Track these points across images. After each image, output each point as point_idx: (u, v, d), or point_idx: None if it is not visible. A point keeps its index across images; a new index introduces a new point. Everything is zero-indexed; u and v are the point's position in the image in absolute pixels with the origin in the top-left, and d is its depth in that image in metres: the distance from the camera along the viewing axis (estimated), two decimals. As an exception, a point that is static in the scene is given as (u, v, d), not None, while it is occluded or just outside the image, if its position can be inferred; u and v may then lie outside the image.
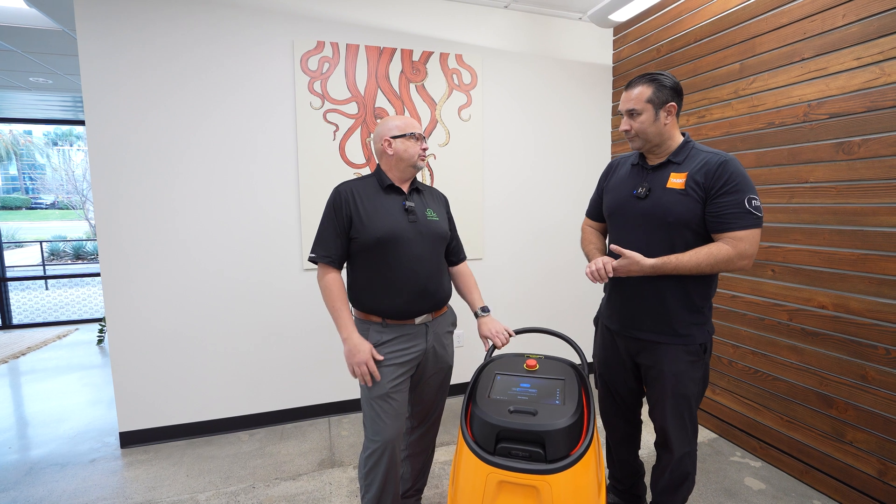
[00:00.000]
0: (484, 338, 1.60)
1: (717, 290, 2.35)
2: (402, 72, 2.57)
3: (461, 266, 1.75)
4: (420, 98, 2.62)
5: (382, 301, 1.47)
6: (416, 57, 2.59)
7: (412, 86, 2.60)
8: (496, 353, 1.64)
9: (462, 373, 2.81)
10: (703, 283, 1.45)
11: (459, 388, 2.83)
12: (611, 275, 1.39)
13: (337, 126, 2.49)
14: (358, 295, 1.52)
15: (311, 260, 1.51)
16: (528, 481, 1.14)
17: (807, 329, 1.97)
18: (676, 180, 1.42)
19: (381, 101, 2.55)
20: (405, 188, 1.55)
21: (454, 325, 1.69)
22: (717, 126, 2.33)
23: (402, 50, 2.56)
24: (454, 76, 2.67)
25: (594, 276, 1.42)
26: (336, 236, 1.48)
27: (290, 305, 2.54)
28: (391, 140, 1.50)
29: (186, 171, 2.32)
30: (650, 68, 2.73)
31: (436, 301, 1.54)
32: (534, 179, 2.98)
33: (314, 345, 2.60)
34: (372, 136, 1.46)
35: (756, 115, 2.14)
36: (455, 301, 1.94)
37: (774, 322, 2.10)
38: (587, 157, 3.10)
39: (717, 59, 2.30)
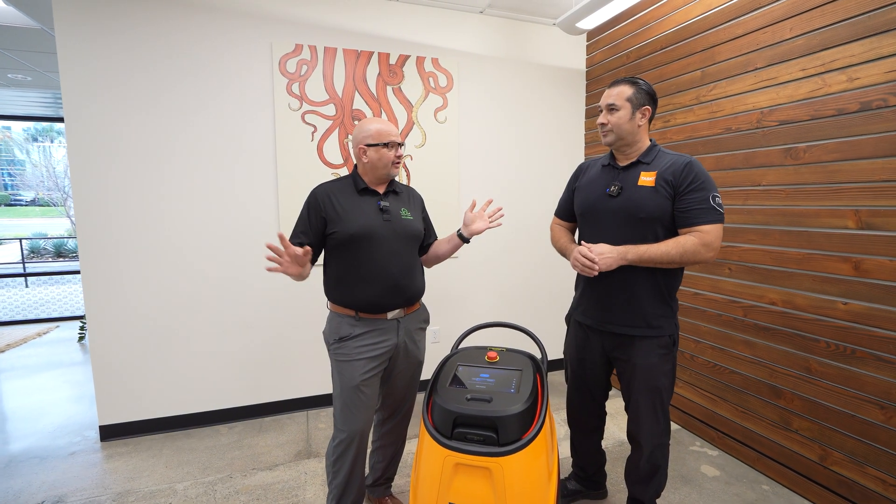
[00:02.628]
0: (474, 222, 1.68)
1: (682, 287, 2.47)
2: (379, 74, 2.64)
3: (434, 242, 1.81)
4: (397, 100, 2.69)
5: (356, 294, 1.54)
6: (392, 60, 2.66)
7: (389, 88, 2.66)
8: (462, 345, 1.72)
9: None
10: (671, 276, 1.54)
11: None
12: (596, 263, 1.44)
13: (315, 127, 2.55)
14: (333, 288, 1.59)
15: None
16: (481, 463, 1.22)
17: (759, 324, 2.09)
18: (647, 178, 1.51)
19: (359, 103, 2.61)
20: (381, 189, 1.62)
21: (426, 322, 1.76)
22: (681, 130, 2.44)
23: (379, 53, 2.63)
24: (430, 79, 2.75)
25: (586, 268, 1.47)
26: (308, 237, 1.56)
27: (270, 301, 2.59)
28: (366, 148, 1.56)
29: (167, 170, 2.36)
30: (620, 73, 2.83)
31: (408, 296, 1.61)
32: (509, 180, 3.07)
33: (293, 340, 2.66)
34: (350, 136, 1.53)
35: (715, 121, 2.25)
36: (426, 297, 2.03)
37: (731, 318, 2.22)
38: (562, 158, 3.20)
39: (681, 66, 2.41)
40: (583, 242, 1.49)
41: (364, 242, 1.52)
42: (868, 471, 1.72)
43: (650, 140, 1.59)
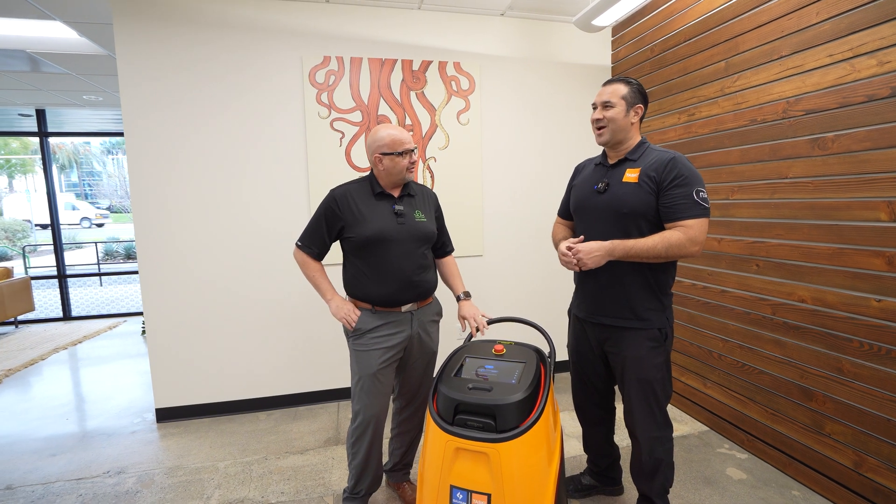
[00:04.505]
0: (462, 318, 1.78)
1: (708, 285, 2.41)
2: (402, 81, 2.75)
3: (448, 259, 1.92)
4: (420, 105, 2.79)
5: (372, 290, 1.66)
6: (415, 66, 2.76)
7: (412, 93, 2.77)
8: (476, 338, 1.79)
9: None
10: (660, 270, 1.56)
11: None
12: (580, 261, 1.49)
13: (343, 133, 2.70)
14: (351, 285, 1.72)
15: (297, 246, 1.72)
16: (479, 448, 1.29)
17: (788, 323, 2.00)
18: (631, 175, 1.54)
19: (384, 109, 2.74)
20: (396, 193, 1.72)
21: (439, 314, 1.85)
22: (706, 123, 2.37)
23: (402, 60, 2.74)
24: (453, 83, 2.83)
25: (566, 262, 1.55)
26: (322, 236, 1.69)
27: (305, 300, 2.77)
28: (381, 157, 1.65)
29: (213, 179, 2.60)
30: (645, 68, 2.78)
31: (420, 291, 1.71)
32: (532, 180, 3.09)
33: (326, 336, 2.83)
34: (367, 143, 1.65)
35: (740, 113, 2.18)
36: (449, 295, 2.11)
37: (759, 316, 2.14)
38: (584, 157, 3.14)
39: (705, 57, 2.35)
40: (569, 239, 1.52)
41: (379, 245, 1.63)
42: (908, 479, 1.62)
43: (641, 137, 1.61)
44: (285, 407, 2.82)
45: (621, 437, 2.24)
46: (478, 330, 1.74)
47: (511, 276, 3.11)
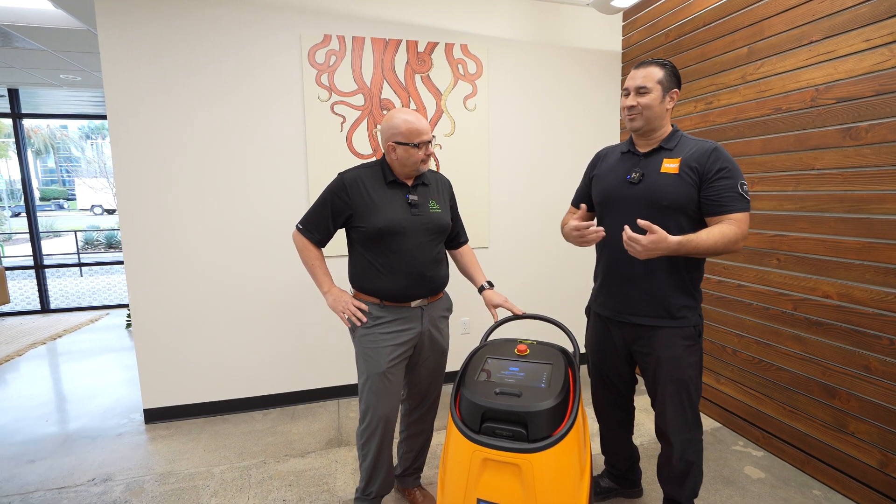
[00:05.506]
0: (493, 307, 1.68)
1: (724, 279, 2.34)
2: (407, 63, 2.60)
3: (464, 248, 1.82)
4: (425, 88, 2.65)
5: (381, 284, 1.55)
6: (421, 48, 2.62)
7: (417, 76, 2.63)
8: (492, 337, 1.68)
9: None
10: (694, 266, 1.48)
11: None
12: (640, 249, 1.30)
13: (344, 118, 2.55)
14: (359, 277, 1.60)
15: (297, 228, 1.60)
16: (510, 459, 1.19)
17: (811, 319, 1.94)
18: (670, 165, 1.44)
19: (387, 93, 2.59)
20: (409, 182, 1.60)
21: (449, 310, 1.75)
22: (725, 112, 2.29)
23: (407, 41, 2.59)
24: (459, 66, 2.69)
25: (587, 238, 1.45)
26: (326, 222, 1.57)
27: (302, 291, 2.64)
28: (395, 145, 1.52)
29: (202, 164, 2.43)
30: (658, 54, 2.68)
31: (432, 287, 1.61)
32: (540, 168, 2.98)
33: (325, 330, 2.70)
34: (379, 127, 1.52)
35: (763, 101, 2.09)
36: (457, 289, 2.00)
37: (779, 311, 2.08)
38: (595, 144, 3.07)
39: (725, 43, 2.25)
40: (640, 222, 1.30)
41: (391, 236, 1.52)
42: (935, 479, 1.58)
43: (673, 125, 1.51)
44: (283, 406, 2.69)
45: (642, 438, 2.18)
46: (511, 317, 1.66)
47: (518, 268, 3.01)
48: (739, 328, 2.28)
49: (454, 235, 1.77)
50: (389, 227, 1.51)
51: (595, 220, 1.70)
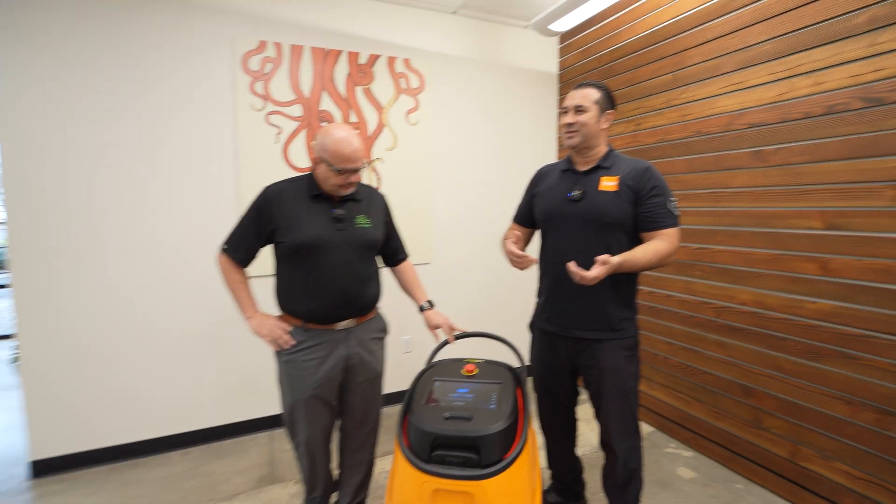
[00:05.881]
0: (435, 328, 1.67)
1: (654, 290, 2.49)
2: (348, 74, 2.54)
3: (403, 265, 1.77)
4: (367, 101, 2.59)
5: (303, 304, 1.48)
6: (362, 60, 2.57)
7: (359, 89, 2.57)
8: (437, 358, 1.65)
9: (408, 380, 2.82)
10: (631, 279, 1.55)
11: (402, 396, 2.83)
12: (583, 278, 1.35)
13: (280, 129, 2.43)
14: (281, 296, 1.53)
15: (222, 249, 1.52)
16: (462, 488, 1.16)
17: (731, 324, 2.11)
18: (608, 183, 1.50)
19: (327, 104, 2.51)
20: (336, 197, 1.53)
21: (384, 331, 1.68)
22: (653, 133, 2.45)
23: (348, 52, 2.53)
24: (402, 80, 2.67)
25: (520, 264, 1.50)
26: (250, 239, 1.50)
27: (226, 315, 2.43)
28: (319, 160, 1.46)
29: (111, 176, 2.18)
30: (592, 76, 2.83)
31: (359, 306, 1.54)
32: (484, 183, 3.02)
33: (253, 356, 2.49)
34: (316, 137, 1.45)
35: (686, 124, 2.26)
36: (398, 305, 1.95)
37: (703, 319, 2.24)
38: (536, 161, 3.16)
39: (652, 69, 2.42)
40: (570, 265, 1.34)
41: (313, 252, 1.45)
42: (836, 465, 1.76)
43: (608, 145, 1.59)
44: (207, 442, 2.44)
45: (584, 448, 2.24)
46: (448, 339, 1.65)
47: (462, 284, 3.01)
48: (669, 336, 2.43)
49: (391, 252, 1.73)
50: (310, 242, 1.44)
51: (541, 234, 1.73)
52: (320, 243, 1.45)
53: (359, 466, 1.69)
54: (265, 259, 1.60)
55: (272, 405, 2.55)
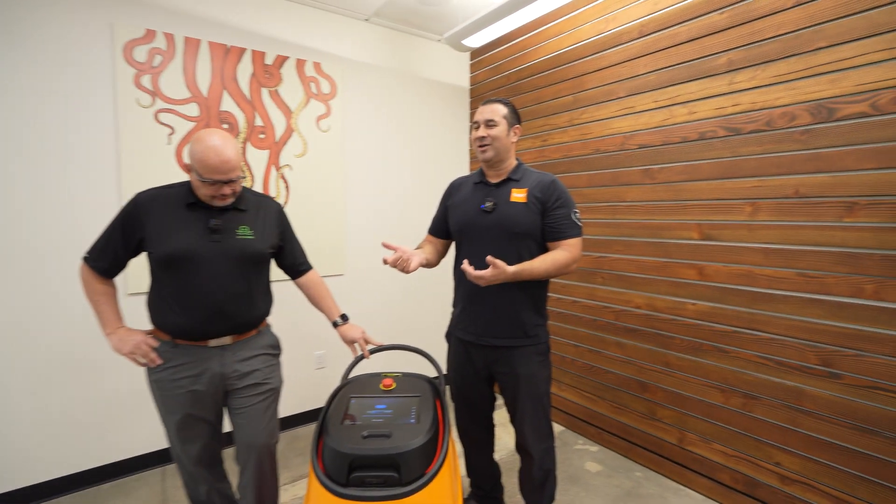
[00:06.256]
0: (351, 343, 1.60)
1: (561, 296, 2.64)
2: (253, 74, 2.37)
3: (309, 276, 1.67)
4: (274, 105, 2.44)
5: (174, 319, 1.36)
6: (269, 60, 2.42)
7: (265, 91, 2.41)
8: (354, 374, 1.58)
9: (322, 399, 2.68)
10: (542, 287, 1.62)
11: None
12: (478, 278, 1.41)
13: (172, 129, 2.18)
14: (152, 309, 1.41)
15: (83, 258, 1.37)
16: (383, 509, 1.11)
17: (628, 326, 2.31)
18: (518, 195, 1.56)
19: (229, 105, 2.31)
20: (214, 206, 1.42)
21: (274, 348, 1.55)
22: (558, 149, 2.62)
23: (253, 51, 2.37)
24: (312, 84, 2.56)
25: (401, 266, 1.49)
26: (115, 247, 1.36)
27: (97, 336, 2.12)
28: (190, 168, 1.34)
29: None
30: (501, 93, 2.96)
31: (235, 324, 1.42)
32: (397, 193, 3.00)
33: (135, 381, 2.15)
34: (187, 145, 1.34)
35: (586, 142, 2.46)
36: (311, 318, 1.84)
37: (604, 322, 2.42)
38: (449, 172, 3.23)
39: (556, 90, 2.60)
40: (464, 265, 1.41)
41: (183, 265, 1.34)
42: (714, 446, 1.99)
43: (517, 159, 1.67)
44: (80, 489, 2.08)
45: (500, 453, 2.28)
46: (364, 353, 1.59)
47: (377, 295, 2.94)
48: (575, 339, 2.59)
49: (290, 264, 1.63)
50: (179, 253, 1.33)
51: (456, 245, 1.75)
52: (191, 255, 1.34)
53: (258, 491, 1.51)
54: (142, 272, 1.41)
55: (161, 438, 2.24)
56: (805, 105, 1.66)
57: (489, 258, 1.37)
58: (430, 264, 1.69)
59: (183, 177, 2.17)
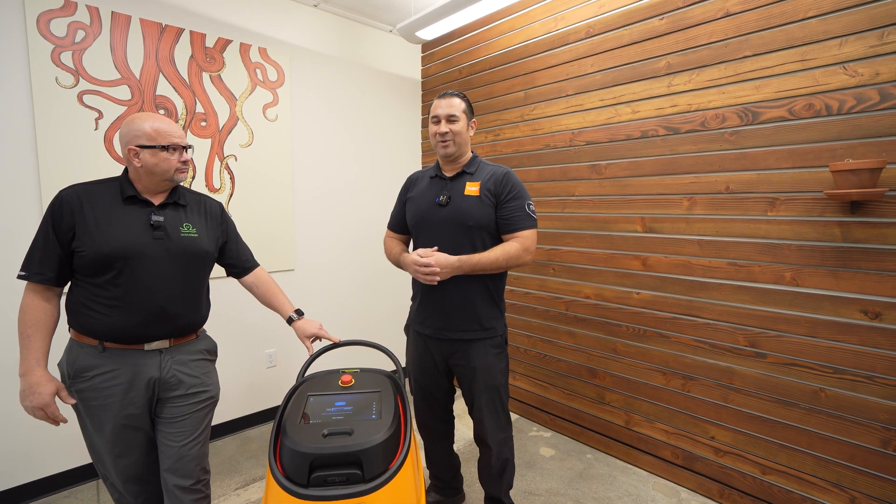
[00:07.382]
0: (308, 338, 1.55)
1: (514, 288, 2.70)
2: (192, 57, 2.21)
3: (256, 274, 1.60)
4: (216, 90, 2.30)
5: (105, 321, 1.25)
6: (210, 43, 2.26)
7: (206, 75, 2.26)
8: (308, 373, 1.53)
9: (275, 398, 2.59)
10: (499, 279, 1.64)
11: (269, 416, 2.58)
12: (435, 269, 1.46)
13: (100, 113, 1.99)
14: (76, 312, 1.27)
15: (20, 278, 1.23)
16: (346, 507, 1.08)
17: (578, 316, 2.41)
18: (472, 188, 1.58)
19: (165, 88, 2.15)
20: (157, 200, 1.33)
21: (210, 352, 1.47)
22: (510, 144, 2.67)
23: (191, 32, 2.21)
24: (258, 71, 2.43)
25: (428, 276, 1.48)
26: (55, 252, 1.23)
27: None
28: (138, 150, 1.26)
29: None
30: (454, 87, 2.97)
31: (177, 326, 1.34)
32: (348, 185, 2.93)
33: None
34: (117, 135, 1.23)
35: (537, 138, 2.52)
36: (259, 315, 1.77)
37: (556, 312, 2.51)
38: (401, 165, 3.20)
39: (507, 86, 2.64)
40: (418, 251, 1.47)
41: (122, 264, 1.24)
42: (656, 425, 2.13)
43: (472, 152, 1.69)
44: (0, 508, 1.89)
45: (458, 443, 2.30)
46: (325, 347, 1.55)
47: (329, 290, 2.87)
48: (528, 329, 2.67)
49: (235, 262, 1.56)
50: (119, 251, 1.23)
51: (411, 241, 1.74)
52: (132, 252, 1.24)
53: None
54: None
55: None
56: (734, 108, 1.80)
57: (422, 251, 1.41)
58: None
59: (114, 169, 2.00)
